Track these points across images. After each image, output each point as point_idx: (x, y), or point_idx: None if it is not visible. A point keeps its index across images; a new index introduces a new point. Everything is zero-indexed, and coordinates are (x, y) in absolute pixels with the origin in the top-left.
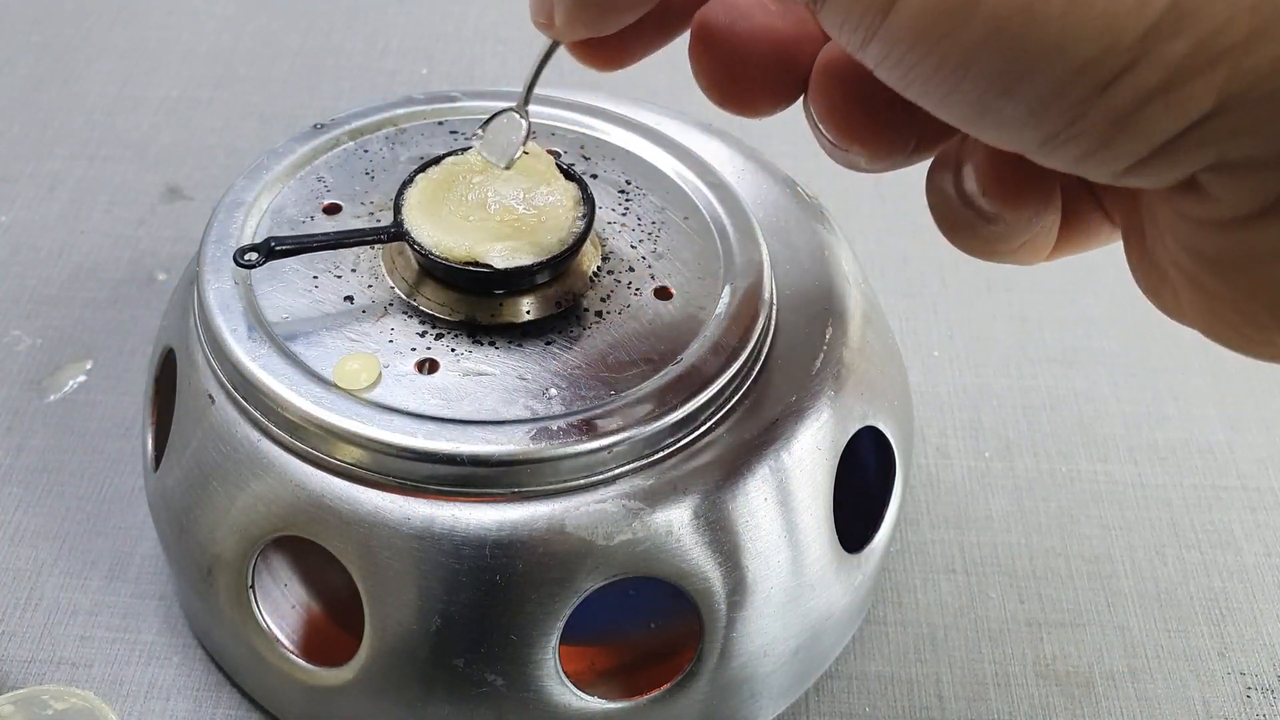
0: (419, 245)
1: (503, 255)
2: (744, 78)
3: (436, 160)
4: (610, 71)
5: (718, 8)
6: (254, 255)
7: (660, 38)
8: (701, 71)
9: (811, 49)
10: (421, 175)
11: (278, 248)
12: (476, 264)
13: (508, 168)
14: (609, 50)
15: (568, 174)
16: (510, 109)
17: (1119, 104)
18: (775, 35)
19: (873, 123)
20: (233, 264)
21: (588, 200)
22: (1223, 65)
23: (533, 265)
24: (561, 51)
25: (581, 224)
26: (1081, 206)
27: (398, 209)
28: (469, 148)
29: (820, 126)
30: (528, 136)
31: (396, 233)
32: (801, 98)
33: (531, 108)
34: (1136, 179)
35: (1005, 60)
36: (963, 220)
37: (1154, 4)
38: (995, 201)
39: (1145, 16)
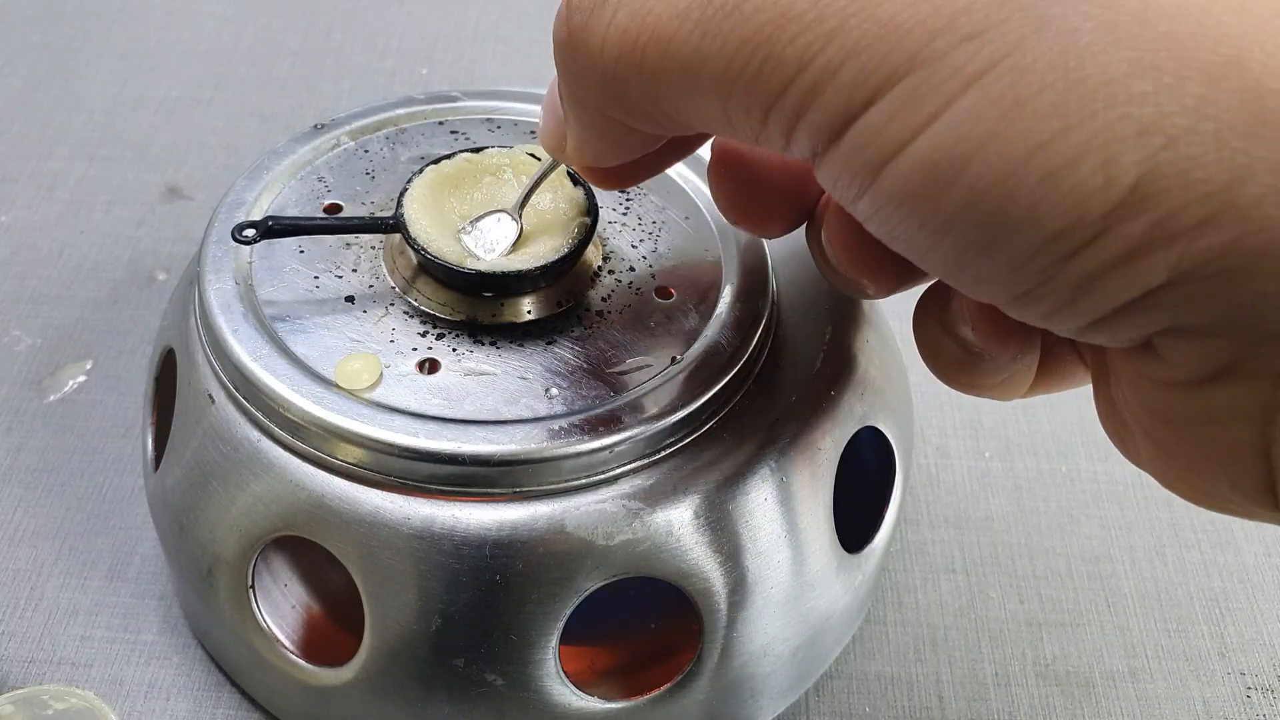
0: (415, 241)
1: (501, 259)
2: (759, 202)
3: (449, 155)
4: (612, 190)
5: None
6: (251, 231)
7: (663, 165)
8: (720, 194)
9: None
10: (432, 168)
11: (274, 226)
12: (473, 269)
13: (458, 267)
14: (613, 176)
15: (571, 177)
16: (504, 211)
17: (1083, 271)
18: (788, 166)
19: (881, 255)
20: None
21: (591, 203)
22: (1177, 245)
23: (527, 271)
24: None
25: (579, 233)
26: (1060, 350)
27: (400, 202)
28: (483, 148)
29: (830, 256)
30: (517, 240)
31: (395, 224)
32: (805, 225)
33: (532, 107)
34: (1098, 336)
35: (981, 227)
36: (949, 353)
37: (1117, 187)
38: (983, 337)
39: (1109, 198)
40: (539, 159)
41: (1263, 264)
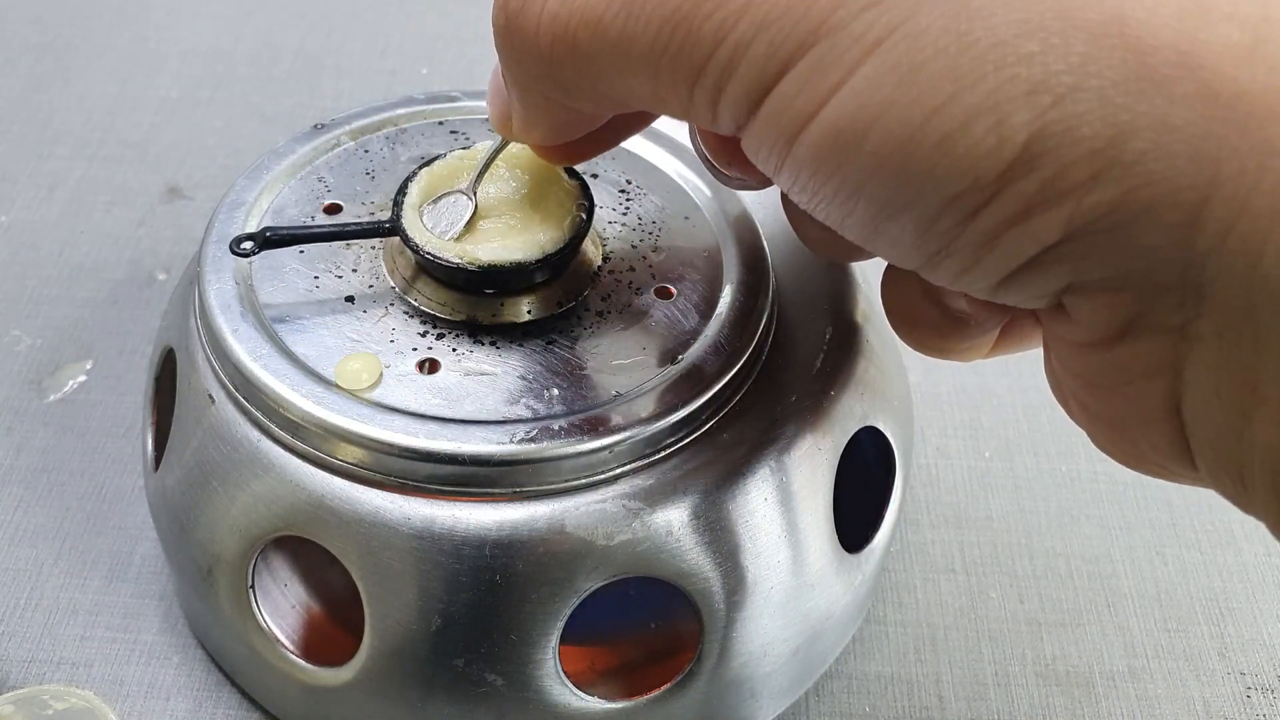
0: (413, 242)
1: (496, 253)
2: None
3: (441, 155)
4: (564, 165)
5: None
6: (249, 244)
7: (615, 139)
8: (707, 146)
9: None
10: (425, 170)
11: (273, 237)
12: (469, 263)
13: (449, 240)
14: (564, 152)
15: (568, 173)
16: (460, 191)
17: (983, 230)
18: None
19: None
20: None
21: (587, 199)
22: (1068, 202)
23: (528, 263)
24: None
25: (575, 226)
26: (1022, 312)
27: (397, 204)
28: (474, 144)
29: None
30: (472, 218)
31: (392, 228)
32: None
33: None
34: (1009, 296)
35: (887, 191)
36: (928, 320)
37: (1009, 146)
38: (975, 304)
39: (1002, 158)
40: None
41: (1150, 218)
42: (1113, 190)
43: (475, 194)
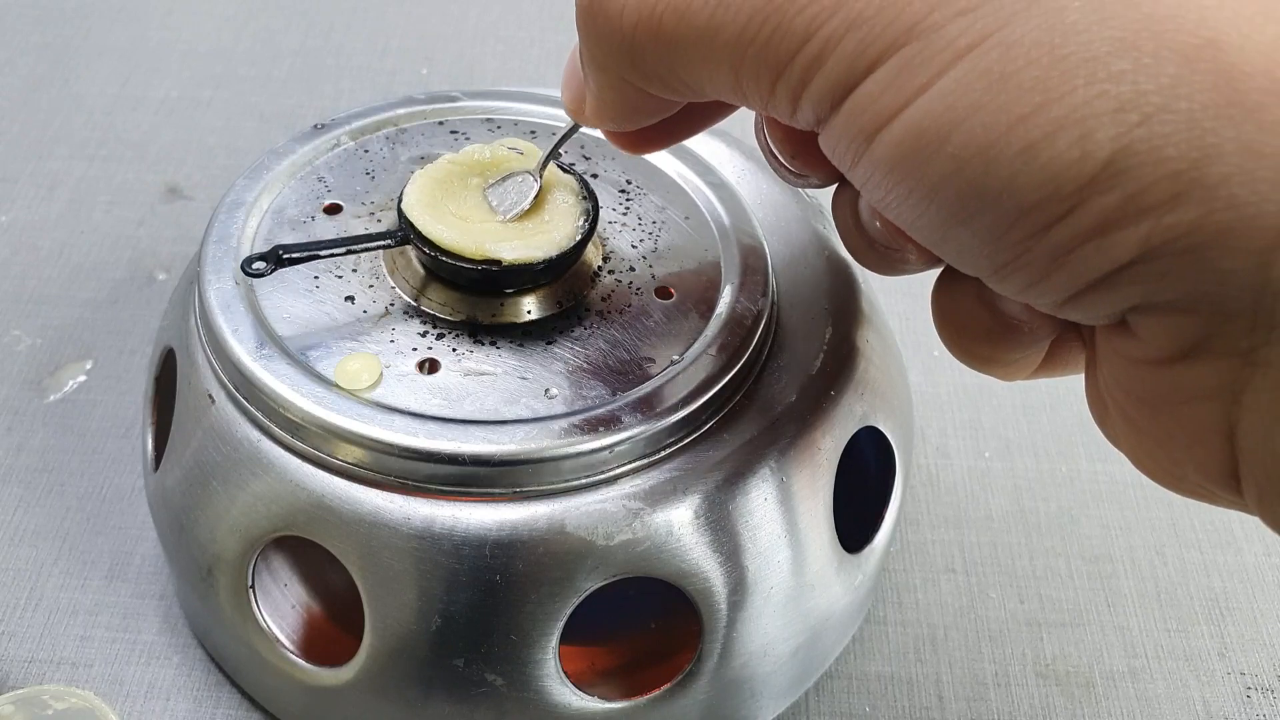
0: (428, 246)
1: (511, 252)
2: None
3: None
4: (636, 154)
5: None
6: (262, 264)
7: (683, 133)
8: (775, 143)
9: None
10: (420, 173)
11: (286, 256)
12: (489, 260)
13: (510, 220)
14: (634, 140)
15: (570, 174)
16: (527, 171)
17: (1057, 244)
18: None
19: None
20: (235, 265)
21: (591, 200)
22: (1146, 220)
23: (541, 261)
24: (559, 54)
25: (586, 223)
26: (1067, 333)
27: (402, 212)
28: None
29: (867, 225)
30: (535, 198)
31: (404, 237)
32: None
33: (532, 107)
34: (1075, 312)
35: (963, 196)
36: (980, 325)
37: (1092, 161)
38: (1031, 311)
39: (1084, 171)
40: (521, 153)
41: (1227, 242)
42: (1193, 212)
43: (540, 175)
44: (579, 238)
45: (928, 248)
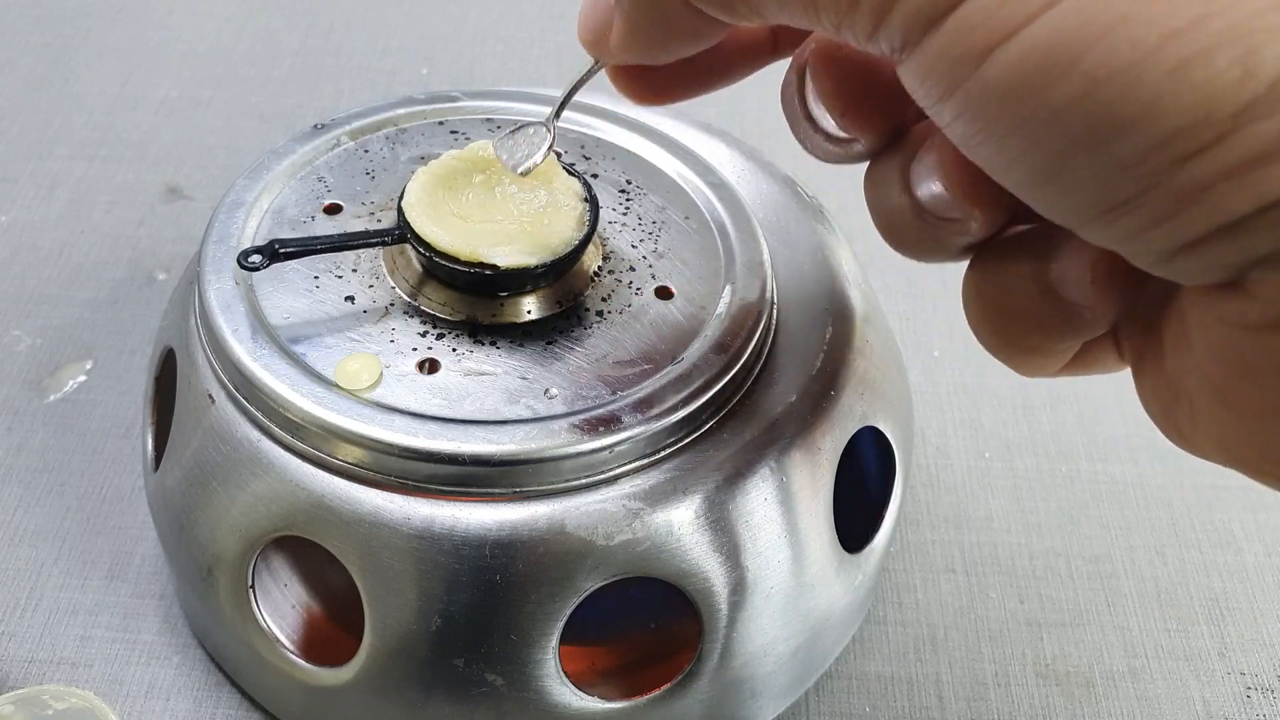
0: (424, 247)
1: (506, 256)
2: (862, 98)
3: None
4: (647, 105)
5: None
6: (258, 258)
7: (709, 82)
8: (822, 87)
9: None
10: (423, 170)
11: (281, 250)
12: (482, 265)
13: (523, 174)
14: (653, 83)
15: (571, 174)
16: (539, 122)
17: (1197, 176)
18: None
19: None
20: (234, 264)
21: (592, 201)
22: None
23: (537, 266)
24: (559, 54)
25: (585, 225)
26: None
27: (401, 210)
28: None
29: (927, 190)
30: (549, 149)
31: (400, 235)
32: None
33: (533, 107)
34: (1185, 263)
35: (1094, 121)
36: (1030, 310)
37: (1255, 82)
38: (1097, 289)
39: (1243, 94)
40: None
41: None
42: None
43: (553, 126)
44: (576, 242)
45: (1018, 191)
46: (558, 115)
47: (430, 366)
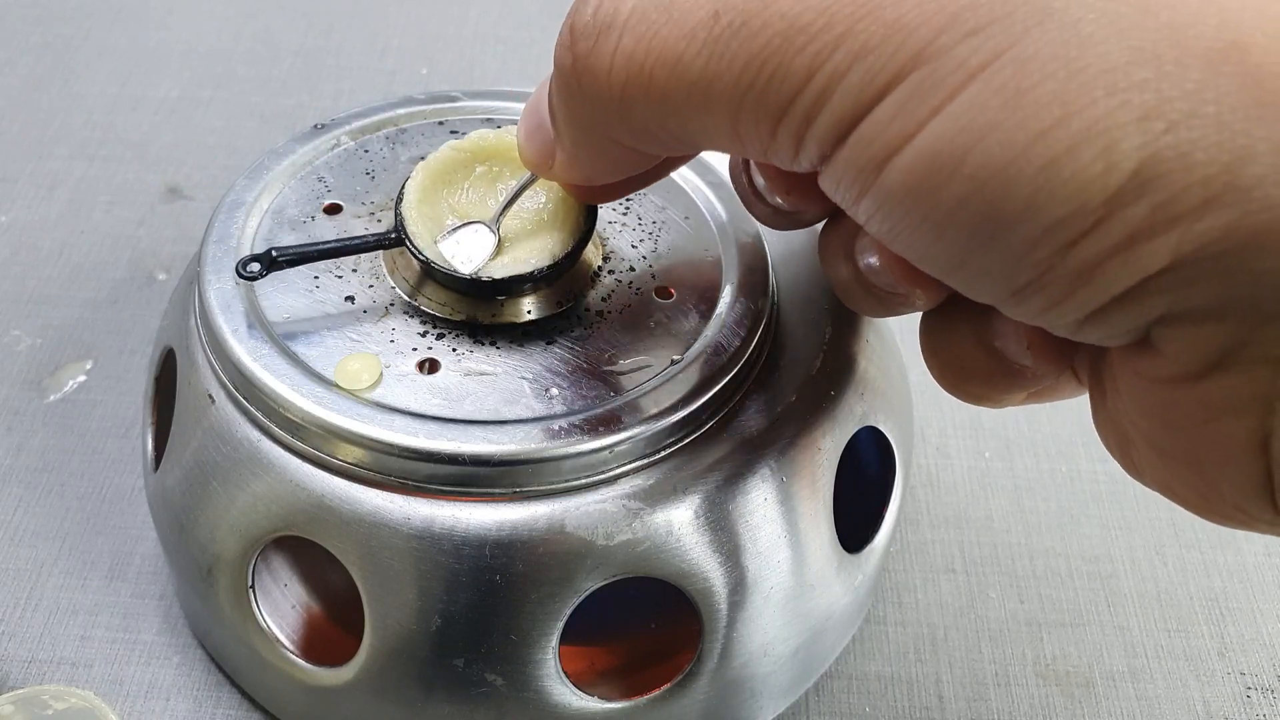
0: (421, 254)
1: (504, 267)
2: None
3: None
4: (589, 203)
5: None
6: (256, 266)
7: (649, 180)
8: (769, 184)
9: None
10: (421, 165)
11: (280, 258)
12: (482, 276)
13: (469, 277)
14: (599, 193)
15: None
16: (483, 222)
17: (1083, 259)
18: None
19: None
20: (232, 264)
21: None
22: (1178, 228)
23: (534, 273)
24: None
25: (584, 226)
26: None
27: (398, 214)
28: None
29: (869, 272)
30: (495, 252)
31: (396, 239)
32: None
33: None
34: (1093, 329)
35: (983, 217)
36: (979, 369)
37: (1118, 172)
38: (1038, 357)
39: (1110, 184)
40: None
41: (1264, 243)
42: (1226, 216)
43: (499, 227)
44: (571, 246)
45: (939, 277)
46: (499, 218)
47: (430, 366)
